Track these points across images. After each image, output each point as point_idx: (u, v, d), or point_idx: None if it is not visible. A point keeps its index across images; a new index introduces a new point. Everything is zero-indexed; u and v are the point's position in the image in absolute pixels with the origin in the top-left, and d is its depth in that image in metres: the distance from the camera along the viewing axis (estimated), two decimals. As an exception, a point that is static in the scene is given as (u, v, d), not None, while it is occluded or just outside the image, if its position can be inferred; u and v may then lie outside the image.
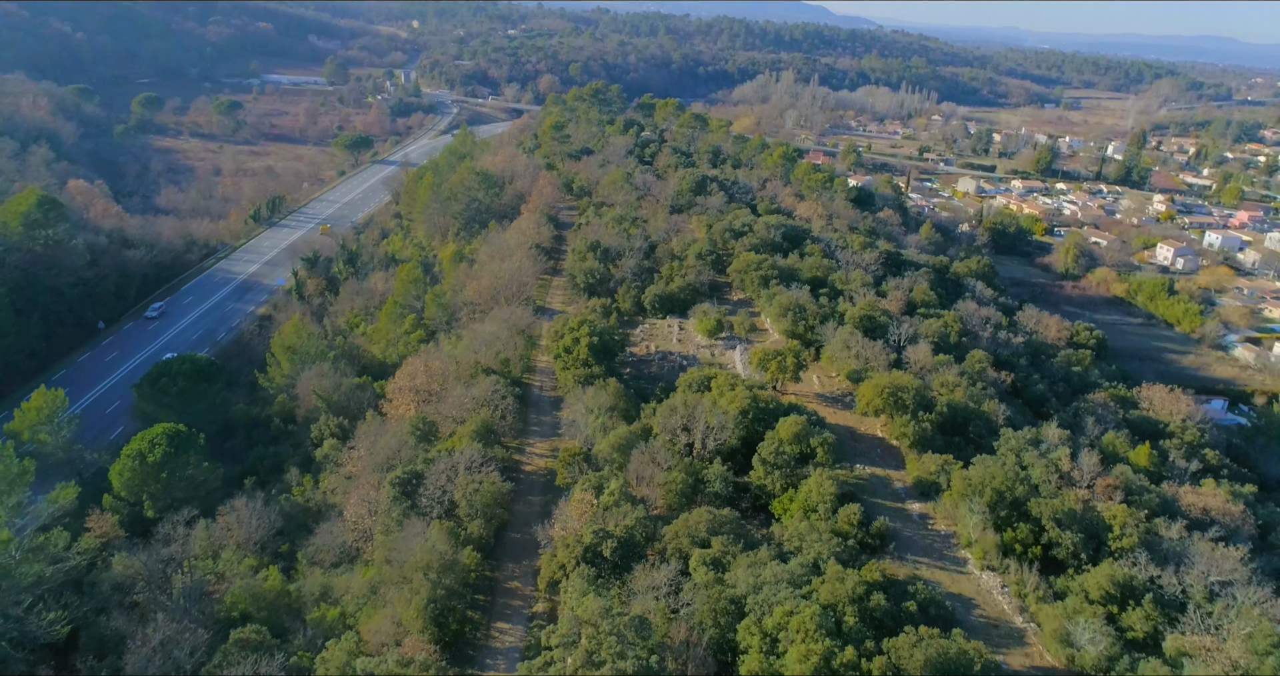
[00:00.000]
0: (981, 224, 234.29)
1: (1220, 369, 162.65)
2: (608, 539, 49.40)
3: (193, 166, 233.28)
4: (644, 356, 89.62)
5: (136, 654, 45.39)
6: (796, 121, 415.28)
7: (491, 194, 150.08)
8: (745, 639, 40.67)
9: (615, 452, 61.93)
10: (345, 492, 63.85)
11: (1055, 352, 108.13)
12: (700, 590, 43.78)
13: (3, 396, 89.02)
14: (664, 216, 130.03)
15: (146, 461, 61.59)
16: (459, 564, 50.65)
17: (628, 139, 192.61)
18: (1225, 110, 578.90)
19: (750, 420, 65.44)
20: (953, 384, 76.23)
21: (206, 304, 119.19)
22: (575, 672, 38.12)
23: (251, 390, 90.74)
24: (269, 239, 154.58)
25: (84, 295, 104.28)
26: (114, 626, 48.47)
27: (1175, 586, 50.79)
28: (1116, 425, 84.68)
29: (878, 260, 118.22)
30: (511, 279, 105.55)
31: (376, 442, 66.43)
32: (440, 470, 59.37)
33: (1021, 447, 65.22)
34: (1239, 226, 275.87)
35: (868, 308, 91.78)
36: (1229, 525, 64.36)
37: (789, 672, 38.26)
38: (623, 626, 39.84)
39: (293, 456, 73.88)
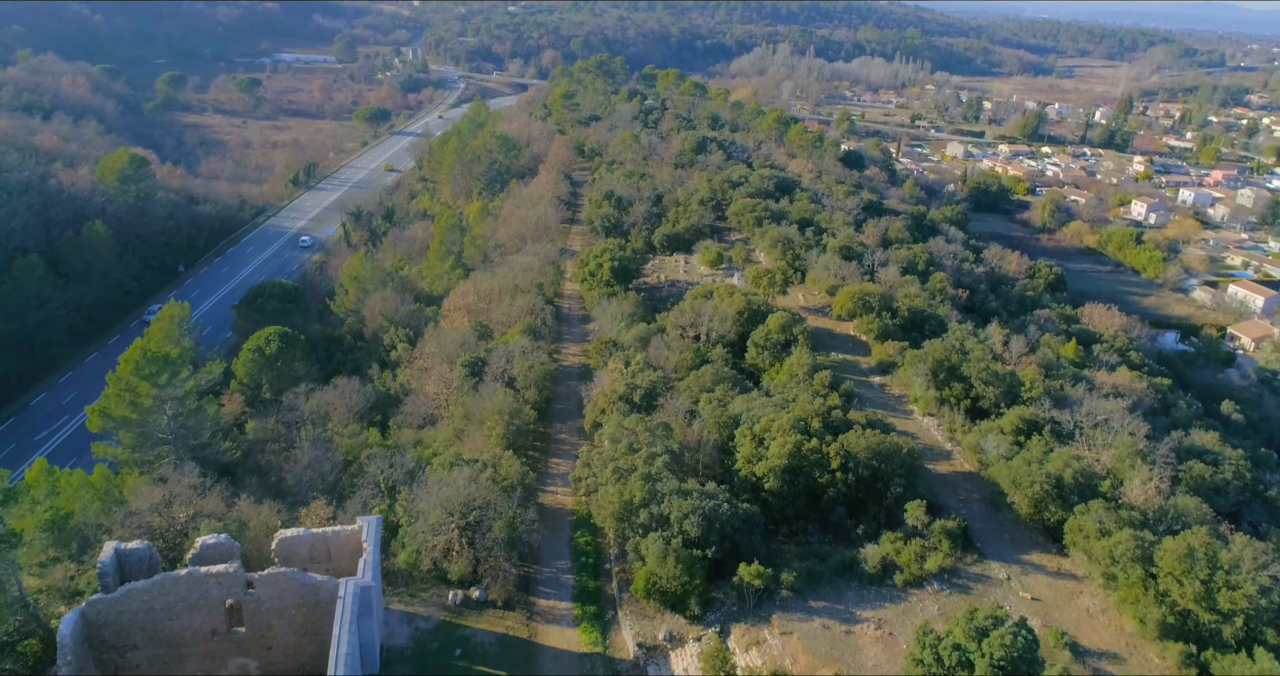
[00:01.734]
0: (965, 183, 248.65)
1: (1178, 308, 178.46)
2: (636, 389, 65.32)
3: (223, 140, 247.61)
4: (655, 285, 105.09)
5: (291, 472, 61.41)
6: (793, 92, 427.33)
7: (511, 156, 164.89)
8: (740, 439, 56.60)
9: (636, 342, 77.72)
10: (420, 379, 79.60)
11: (1014, 283, 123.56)
12: (707, 412, 59.70)
13: (110, 326, 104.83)
14: (669, 172, 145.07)
15: (264, 353, 77.33)
16: (523, 412, 66.53)
17: (633, 106, 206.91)
18: (1214, 76, 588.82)
19: (745, 319, 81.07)
20: (914, 295, 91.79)
21: (266, 253, 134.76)
22: (619, 456, 54.08)
23: (320, 316, 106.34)
24: (309, 200, 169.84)
25: (165, 243, 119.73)
26: (266, 458, 64.49)
27: (1069, 422, 66.61)
28: (1057, 333, 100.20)
29: (859, 206, 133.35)
30: (537, 224, 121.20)
31: (443, 341, 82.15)
32: (499, 356, 75.16)
33: (965, 336, 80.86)
34: (1213, 184, 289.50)
35: (847, 239, 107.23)
36: (1132, 397, 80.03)
37: (770, 456, 54.18)
38: (653, 428, 55.83)
39: (369, 361, 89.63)
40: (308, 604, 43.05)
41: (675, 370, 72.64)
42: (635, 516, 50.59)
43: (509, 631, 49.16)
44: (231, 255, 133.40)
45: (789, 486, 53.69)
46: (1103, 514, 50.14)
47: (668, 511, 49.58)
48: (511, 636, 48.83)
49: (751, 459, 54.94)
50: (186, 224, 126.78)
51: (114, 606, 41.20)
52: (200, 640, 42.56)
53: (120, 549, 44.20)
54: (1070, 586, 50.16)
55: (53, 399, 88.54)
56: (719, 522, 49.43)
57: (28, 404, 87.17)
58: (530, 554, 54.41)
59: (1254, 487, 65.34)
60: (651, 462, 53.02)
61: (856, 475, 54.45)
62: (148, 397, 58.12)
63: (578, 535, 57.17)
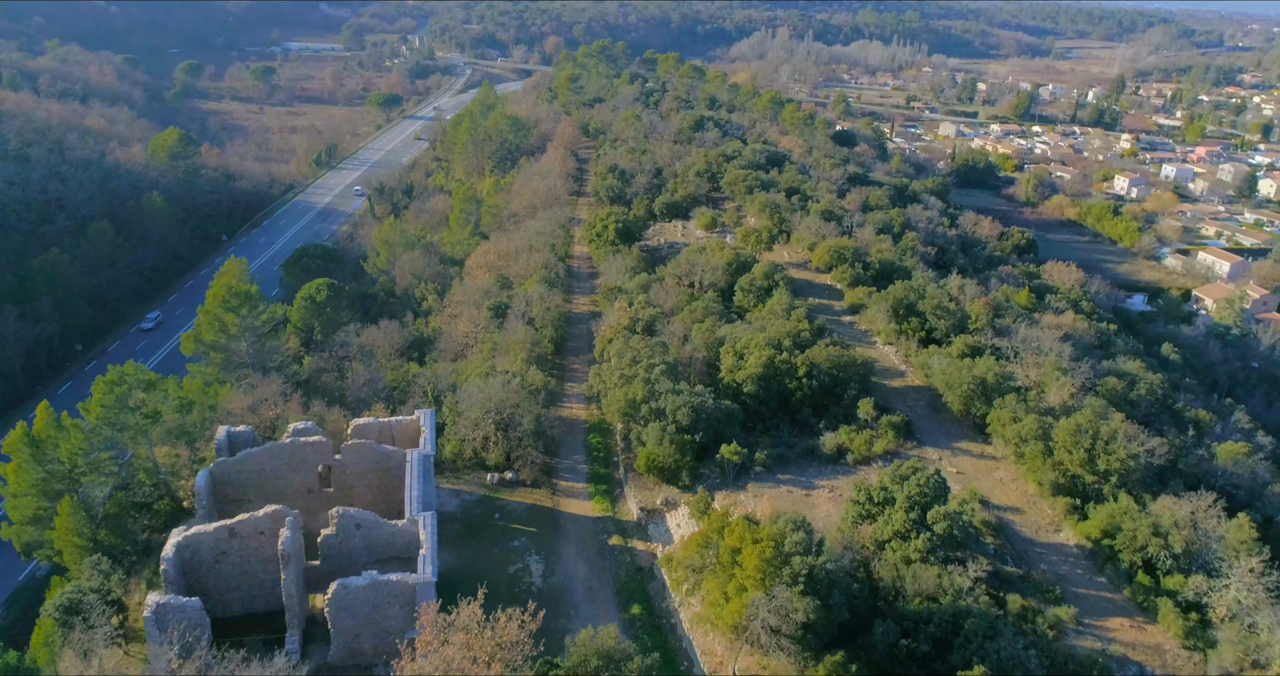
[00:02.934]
0: (954, 160, 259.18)
1: (1149, 273, 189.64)
2: (638, 321, 77.05)
3: (243, 125, 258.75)
4: (656, 246, 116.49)
5: (350, 389, 73.28)
6: (791, 76, 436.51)
7: (520, 135, 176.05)
8: (724, 355, 68.34)
9: (638, 288, 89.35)
10: (451, 323, 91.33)
11: (985, 245, 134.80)
12: (697, 335, 71.49)
13: (167, 287, 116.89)
14: (668, 148, 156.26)
15: (316, 301, 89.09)
16: (542, 342, 78.33)
17: (634, 89, 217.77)
18: (1209, 56, 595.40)
19: (733, 269, 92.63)
20: (885, 250, 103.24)
21: (298, 225, 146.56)
22: (625, 366, 65.86)
23: (355, 277, 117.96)
24: (332, 179, 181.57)
25: (208, 215, 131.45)
26: (326, 380, 76.39)
27: (1008, 348, 78.17)
28: (1016, 285, 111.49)
29: (843, 177, 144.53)
30: (548, 194, 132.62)
31: (469, 290, 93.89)
32: (519, 300, 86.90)
33: (926, 282, 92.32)
34: (1197, 160, 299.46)
35: (829, 205, 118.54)
36: (1074, 336, 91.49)
37: (748, 366, 65.92)
38: (652, 345, 67.60)
39: (403, 311, 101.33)
40: (382, 469, 54.96)
41: (672, 310, 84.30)
42: (638, 411, 62.42)
43: (537, 502, 61.18)
44: (266, 227, 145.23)
45: (764, 390, 65.48)
46: (1015, 405, 61.92)
47: (664, 405, 61.39)
48: (539, 506, 60.85)
49: (733, 369, 66.73)
50: (226, 198, 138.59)
51: (234, 467, 53.21)
52: (299, 496, 54.47)
53: (230, 431, 56.23)
54: (989, 464, 61.99)
55: (125, 346, 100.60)
56: (705, 414, 61.22)
57: (105, 350, 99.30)
58: (552, 447, 66.33)
59: (1164, 402, 77.01)
60: (651, 370, 64.82)
61: (819, 381, 66.21)
62: (233, 326, 70.03)
63: (590, 437, 69.08)
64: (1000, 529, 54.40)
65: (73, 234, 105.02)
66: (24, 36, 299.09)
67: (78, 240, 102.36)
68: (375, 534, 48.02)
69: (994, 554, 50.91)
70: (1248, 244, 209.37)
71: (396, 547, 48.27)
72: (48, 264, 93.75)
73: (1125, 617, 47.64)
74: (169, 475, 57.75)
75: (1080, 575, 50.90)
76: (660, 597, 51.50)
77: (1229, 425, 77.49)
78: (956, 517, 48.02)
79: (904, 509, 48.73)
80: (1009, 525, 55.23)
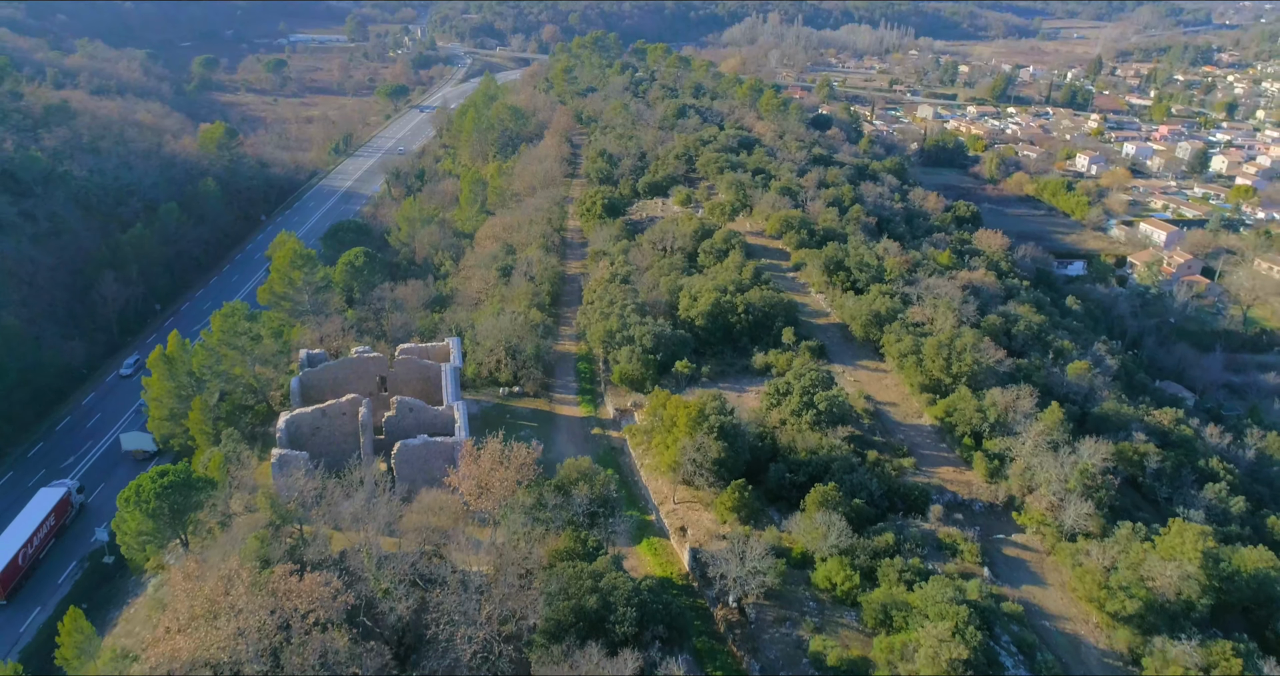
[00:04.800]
0: (926, 141, 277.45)
1: (1093, 243, 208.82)
2: (617, 275, 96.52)
3: (260, 116, 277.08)
4: (638, 220, 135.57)
5: (389, 330, 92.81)
6: (780, 61, 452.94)
7: (520, 124, 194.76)
8: (682, 297, 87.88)
9: (620, 252, 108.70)
10: (465, 283, 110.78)
11: (929, 216, 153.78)
12: (663, 283, 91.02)
13: (219, 259, 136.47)
14: (653, 134, 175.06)
15: (354, 266, 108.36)
16: (540, 293, 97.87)
17: (625, 78, 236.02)
18: (1190, 36, 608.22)
19: (698, 235, 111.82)
20: (830, 219, 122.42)
21: (325, 206, 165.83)
22: (604, 307, 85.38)
23: (380, 249, 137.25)
24: (350, 165, 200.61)
25: (249, 198, 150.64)
26: (368, 325, 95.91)
27: (914, 294, 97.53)
28: (946, 248, 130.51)
29: (807, 158, 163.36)
30: (545, 176, 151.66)
31: (480, 256, 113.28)
32: (522, 262, 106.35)
33: (858, 244, 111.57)
34: (1159, 139, 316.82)
35: (787, 182, 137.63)
36: (980, 287, 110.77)
37: (699, 305, 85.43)
38: (626, 291, 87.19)
39: (424, 275, 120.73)
40: (423, 378, 74.67)
41: (646, 267, 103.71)
42: (613, 339, 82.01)
43: (537, 408, 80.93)
44: (298, 208, 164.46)
45: (711, 323, 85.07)
46: (899, 329, 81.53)
47: (633, 334, 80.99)
48: (539, 409, 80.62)
49: (688, 308, 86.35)
50: (262, 183, 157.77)
51: (315, 375, 72.94)
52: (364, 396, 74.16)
53: (309, 352, 75.97)
54: (880, 375, 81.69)
55: (194, 308, 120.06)
56: (664, 340, 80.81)
57: (178, 309, 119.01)
58: (549, 369, 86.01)
59: (1039, 336, 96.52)
60: (624, 309, 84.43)
61: (754, 317, 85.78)
62: (298, 280, 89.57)
63: (579, 364, 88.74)
64: (877, 414, 74.16)
65: (144, 214, 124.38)
66: (50, 34, 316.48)
67: (150, 219, 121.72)
68: (423, 415, 67.79)
69: (866, 428, 70.67)
70: (1190, 215, 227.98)
71: (438, 426, 68.01)
72: (133, 238, 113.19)
73: (952, 467, 67.45)
74: (263, 387, 77.50)
75: (928, 442, 70.68)
76: (629, 470, 71.17)
77: (1090, 353, 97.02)
78: (835, 399, 67.76)
79: (798, 395, 68.44)
80: (885, 413, 74.98)
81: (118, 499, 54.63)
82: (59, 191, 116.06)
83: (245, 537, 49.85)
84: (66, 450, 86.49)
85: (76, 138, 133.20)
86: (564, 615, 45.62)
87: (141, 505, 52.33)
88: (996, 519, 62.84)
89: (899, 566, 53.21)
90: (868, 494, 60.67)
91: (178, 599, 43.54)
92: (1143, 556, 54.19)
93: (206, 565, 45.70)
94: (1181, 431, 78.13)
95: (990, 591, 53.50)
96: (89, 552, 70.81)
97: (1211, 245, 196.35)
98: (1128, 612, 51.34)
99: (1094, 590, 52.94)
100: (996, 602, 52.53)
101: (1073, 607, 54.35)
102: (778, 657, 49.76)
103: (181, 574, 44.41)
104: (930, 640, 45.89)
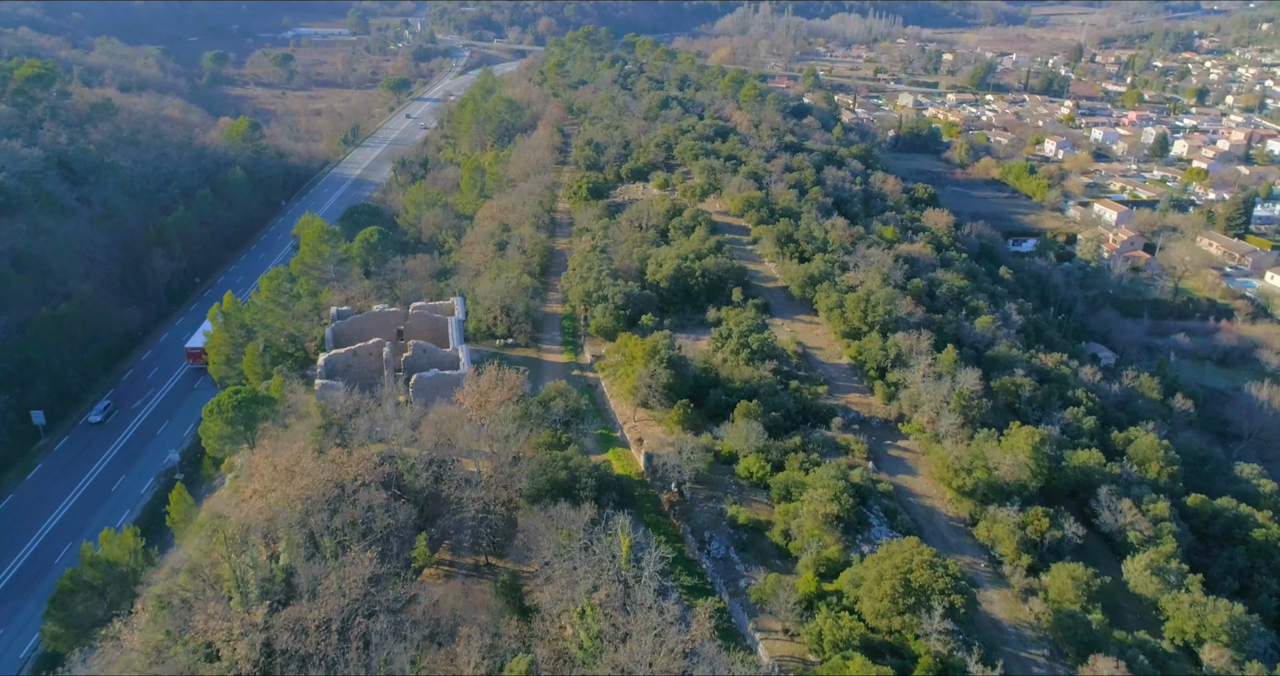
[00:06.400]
0: (901, 128, 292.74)
1: (1048, 222, 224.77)
2: (597, 247, 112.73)
3: (270, 109, 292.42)
4: (621, 202, 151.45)
5: (402, 294, 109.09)
6: (769, 50, 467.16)
7: (515, 116, 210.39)
8: (650, 264, 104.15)
9: (601, 229, 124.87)
10: (466, 257, 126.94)
11: (886, 197, 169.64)
12: (635, 253, 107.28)
13: (246, 240, 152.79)
14: (638, 124, 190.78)
15: (370, 242, 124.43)
16: (532, 263, 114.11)
17: (614, 71, 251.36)
18: (1174, 23, 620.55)
19: (670, 214, 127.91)
20: (789, 200, 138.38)
21: (338, 192, 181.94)
22: (584, 271, 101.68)
23: (390, 229, 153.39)
24: (359, 154, 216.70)
25: (269, 185, 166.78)
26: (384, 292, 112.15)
27: (852, 262, 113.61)
28: (899, 226, 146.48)
29: (777, 146, 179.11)
30: (538, 163, 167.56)
31: (480, 233, 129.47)
32: (515, 238, 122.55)
33: (810, 221, 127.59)
34: (1128, 124, 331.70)
35: (754, 167, 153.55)
36: (917, 258, 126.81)
37: (664, 270, 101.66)
38: (603, 259, 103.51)
39: (430, 251, 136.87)
40: (433, 329, 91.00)
41: (623, 241, 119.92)
42: (591, 298, 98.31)
43: (528, 355, 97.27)
44: (313, 194, 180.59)
45: (674, 285, 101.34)
46: (829, 288, 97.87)
47: (607, 293, 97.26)
48: (529, 357, 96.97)
49: (654, 272, 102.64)
50: (280, 171, 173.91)
51: (346, 326, 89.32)
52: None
53: (338, 309, 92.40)
54: (813, 326, 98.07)
55: (229, 281, 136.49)
56: (633, 298, 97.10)
57: (215, 282, 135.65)
58: (538, 325, 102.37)
59: (959, 298, 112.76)
60: (600, 273, 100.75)
61: (710, 279, 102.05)
62: (325, 252, 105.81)
63: (564, 321, 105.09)
64: (804, 355, 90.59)
65: (182, 199, 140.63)
66: (68, 32, 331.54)
67: (188, 204, 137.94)
68: (434, 355, 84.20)
69: (793, 365, 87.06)
70: (1144, 196, 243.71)
71: (446, 364, 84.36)
72: (176, 220, 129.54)
73: (859, 394, 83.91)
74: (301, 337, 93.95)
75: (843, 376, 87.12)
76: (601, 399, 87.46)
77: (1002, 312, 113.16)
78: (765, 341, 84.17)
79: (736, 337, 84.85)
80: (811, 354, 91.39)
81: (203, 410, 71.19)
82: (109, 179, 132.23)
83: (304, 434, 66.34)
84: (133, 395, 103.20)
85: (118, 132, 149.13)
86: (542, 485, 62.12)
87: (222, 414, 68.82)
88: (888, 431, 79.34)
89: (800, 459, 69.66)
90: (784, 410, 77.08)
91: (259, 470, 60.00)
92: (990, 450, 70.63)
93: (277, 450, 62.17)
94: (1060, 370, 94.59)
95: (870, 477, 69.98)
96: (163, 470, 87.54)
97: (1158, 224, 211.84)
98: (969, 488, 67.82)
99: (947, 473, 69.41)
100: (873, 484, 69.00)
101: (934, 489, 70.87)
102: (705, 522, 66.25)
103: (262, 453, 60.89)
104: (812, 503, 62.34)
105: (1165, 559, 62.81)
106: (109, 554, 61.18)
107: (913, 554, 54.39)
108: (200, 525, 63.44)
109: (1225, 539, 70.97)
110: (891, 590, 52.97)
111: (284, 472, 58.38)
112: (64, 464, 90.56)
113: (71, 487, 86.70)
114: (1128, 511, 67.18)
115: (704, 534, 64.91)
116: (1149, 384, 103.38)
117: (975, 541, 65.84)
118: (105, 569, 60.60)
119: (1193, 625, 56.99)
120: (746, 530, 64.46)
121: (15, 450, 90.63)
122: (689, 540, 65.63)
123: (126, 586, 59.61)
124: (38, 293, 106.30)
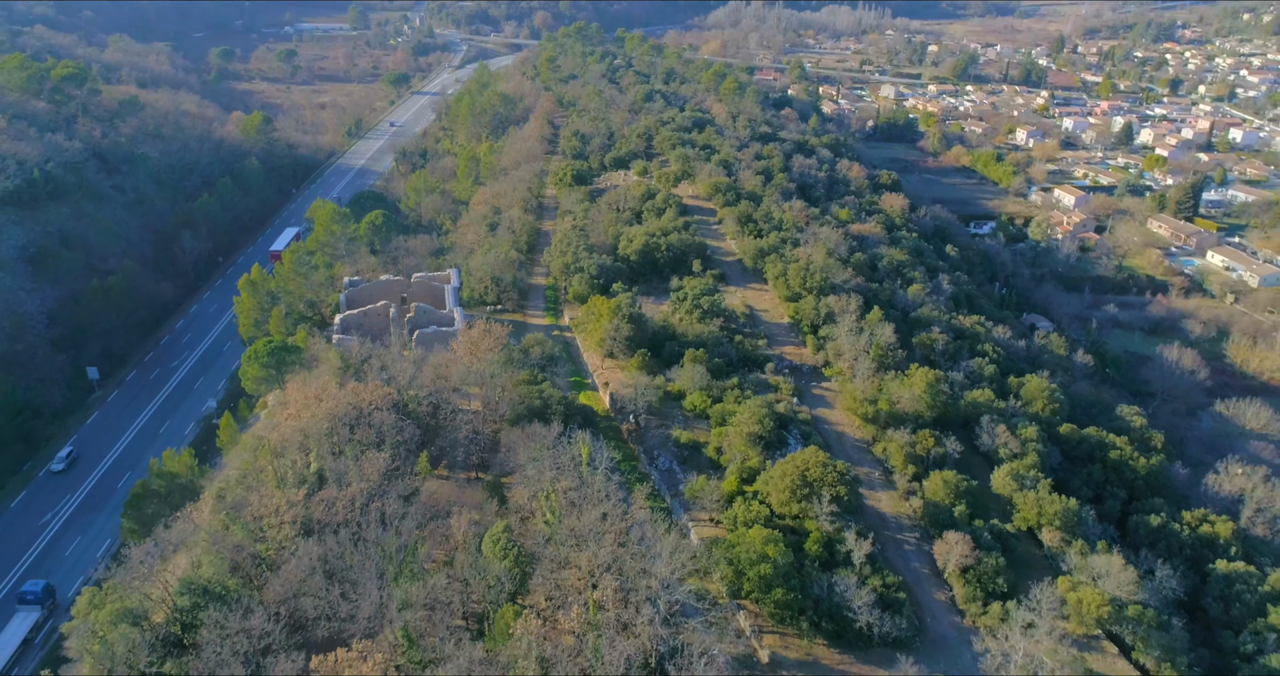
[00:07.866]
0: (879, 118, 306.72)
1: (1011, 207, 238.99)
2: (577, 227, 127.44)
3: (276, 103, 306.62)
4: (604, 188, 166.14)
5: (405, 269, 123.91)
6: (758, 43, 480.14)
7: (509, 109, 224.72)
8: (621, 240, 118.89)
9: (583, 212, 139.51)
10: (462, 237, 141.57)
11: (849, 183, 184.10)
12: (610, 230, 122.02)
13: (261, 224, 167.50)
14: (622, 116, 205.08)
15: (376, 225, 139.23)
16: (520, 241, 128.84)
17: (602, 66, 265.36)
18: (1159, 12, 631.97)
19: (645, 198, 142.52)
20: (755, 184, 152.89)
21: (344, 180, 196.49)
22: (564, 248, 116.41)
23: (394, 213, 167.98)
24: (363, 146, 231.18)
25: (281, 174, 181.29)
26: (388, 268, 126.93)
27: (802, 239, 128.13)
28: (856, 209, 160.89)
29: (750, 136, 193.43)
30: (528, 153, 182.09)
31: (474, 216, 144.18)
32: (505, 219, 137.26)
33: (770, 203, 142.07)
34: (1100, 114, 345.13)
35: (726, 155, 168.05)
36: (866, 236, 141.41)
37: (634, 245, 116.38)
38: (580, 236, 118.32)
39: (430, 232, 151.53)
40: (433, 294, 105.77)
41: (601, 222, 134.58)
42: (569, 270, 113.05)
43: (514, 319, 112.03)
44: (321, 183, 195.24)
45: (642, 258, 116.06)
46: (776, 259, 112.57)
47: (583, 265, 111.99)
48: (516, 320, 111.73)
49: (625, 247, 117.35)
50: (291, 161, 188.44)
51: (357, 291, 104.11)
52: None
53: (350, 278, 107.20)
54: (762, 293, 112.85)
55: (248, 260, 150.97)
56: (606, 269, 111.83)
57: (235, 261, 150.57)
58: (524, 294, 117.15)
59: (898, 269, 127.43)
60: (577, 248, 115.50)
61: (674, 253, 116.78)
62: (337, 231, 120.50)
63: (547, 291, 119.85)
64: (751, 316, 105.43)
65: (205, 187, 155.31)
66: (80, 30, 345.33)
67: (210, 191, 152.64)
68: (434, 315, 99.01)
69: (740, 323, 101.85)
70: (1105, 182, 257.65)
71: (444, 322, 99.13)
72: (201, 206, 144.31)
73: (794, 347, 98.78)
74: (318, 302, 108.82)
75: (782, 333, 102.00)
76: (575, 352, 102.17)
77: (934, 282, 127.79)
78: (714, 302, 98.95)
79: (690, 300, 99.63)
80: (758, 315, 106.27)
81: (242, 357, 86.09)
82: (140, 169, 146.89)
83: (327, 374, 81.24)
84: (171, 356, 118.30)
85: (145, 126, 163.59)
86: (520, 411, 77.03)
87: (258, 359, 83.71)
88: (815, 376, 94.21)
89: (736, 394, 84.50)
90: (727, 357, 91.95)
91: (293, 397, 74.91)
92: (893, 387, 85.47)
93: (306, 382, 77.05)
94: (975, 329, 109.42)
95: (793, 409, 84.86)
96: (202, 416, 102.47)
97: (1112, 208, 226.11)
98: (872, 416, 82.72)
99: (856, 405, 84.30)
100: (794, 414, 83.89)
101: (845, 418, 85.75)
102: (655, 443, 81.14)
103: (294, 385, 75.80)
104: (740, 425, 77.20)
105: (1026, 469, 77.65)
106: (171, 468, 76.14)
107: (810, 457, 69.33)
108: (245, 444, 78.44)
109: (1089, 460, 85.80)
110: (791, 483, 67.92)
111: (313, 398, 73.32)
112: (116, 412, 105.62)
113: (125, 430, 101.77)
114: (1002, 434, 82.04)
115: (654, 452, 79.88)
116: (1057, 342, 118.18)
117: (874, 457, 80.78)
118: (168, 479, 75.53)
119: (1034, 513, 71.92)
120: (688, 448, 79.38)
121: (74, 401, 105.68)
122: (642, 458, 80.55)
123: (186, 493, 74.64)
124: (84, 269, 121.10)
